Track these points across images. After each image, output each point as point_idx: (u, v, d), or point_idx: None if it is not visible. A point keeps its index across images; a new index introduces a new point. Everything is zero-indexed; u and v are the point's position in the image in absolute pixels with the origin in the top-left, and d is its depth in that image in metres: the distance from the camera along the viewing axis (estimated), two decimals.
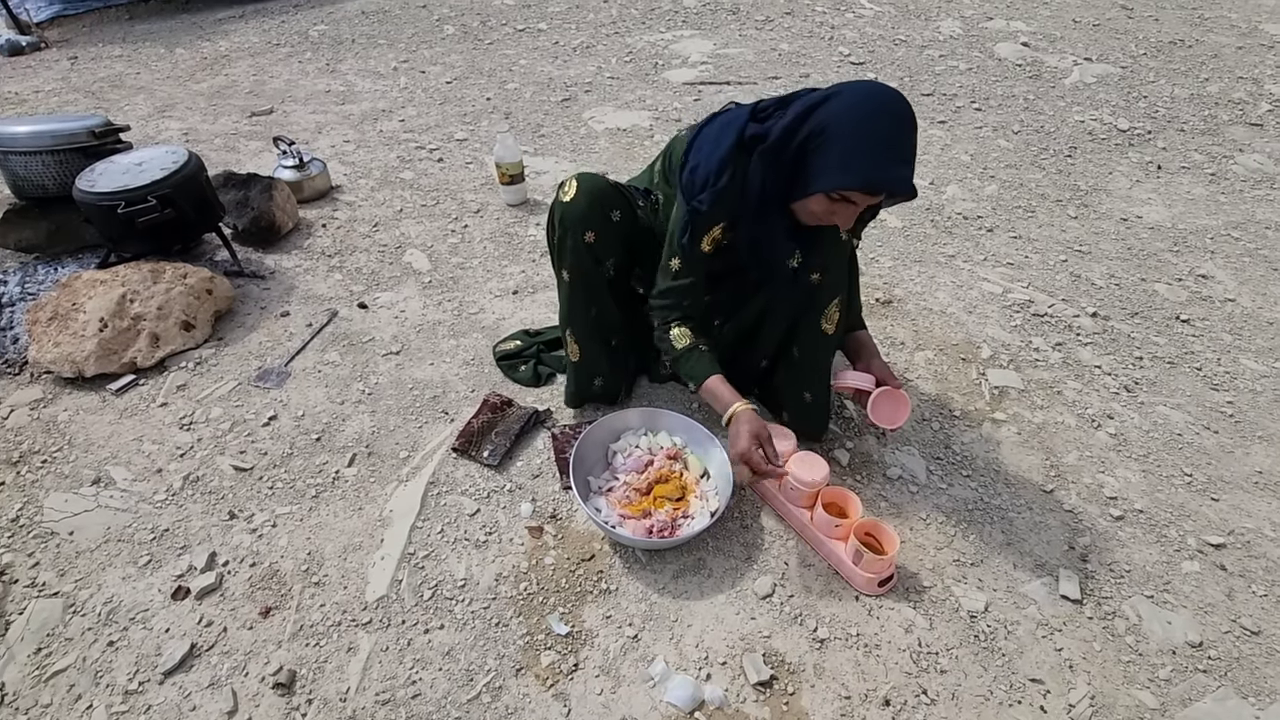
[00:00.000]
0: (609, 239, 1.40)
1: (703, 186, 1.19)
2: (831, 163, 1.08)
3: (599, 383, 1.58)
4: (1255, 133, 2.98)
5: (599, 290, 1.46)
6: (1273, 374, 1.80)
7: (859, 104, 1.07)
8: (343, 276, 2.14)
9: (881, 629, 1.23)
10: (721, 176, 1.18)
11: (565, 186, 1.37)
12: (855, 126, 1.07)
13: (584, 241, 1.38)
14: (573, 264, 1.41)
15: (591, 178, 1.37)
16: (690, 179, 1.21)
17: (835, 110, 1.08)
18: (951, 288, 2.09)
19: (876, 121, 1.06)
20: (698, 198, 1.20)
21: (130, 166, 1.93)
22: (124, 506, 1.46)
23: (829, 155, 1.09)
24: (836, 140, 1.08)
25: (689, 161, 1.22)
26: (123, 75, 3.74)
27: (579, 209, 1.36)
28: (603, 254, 1.41)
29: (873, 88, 1.09)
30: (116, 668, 1.19)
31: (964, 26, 4.03)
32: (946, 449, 1.57)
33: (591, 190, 1.36)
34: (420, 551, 1.37)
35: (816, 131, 1.09)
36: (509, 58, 3.78)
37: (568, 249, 1.39)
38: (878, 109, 1.07)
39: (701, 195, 1.19)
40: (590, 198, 1.36)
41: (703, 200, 1.19)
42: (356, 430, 1.62)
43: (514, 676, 1.17)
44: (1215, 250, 2.28)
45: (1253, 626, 1.24)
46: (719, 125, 1.22)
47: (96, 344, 1.72)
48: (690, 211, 1.22)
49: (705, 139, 1.22)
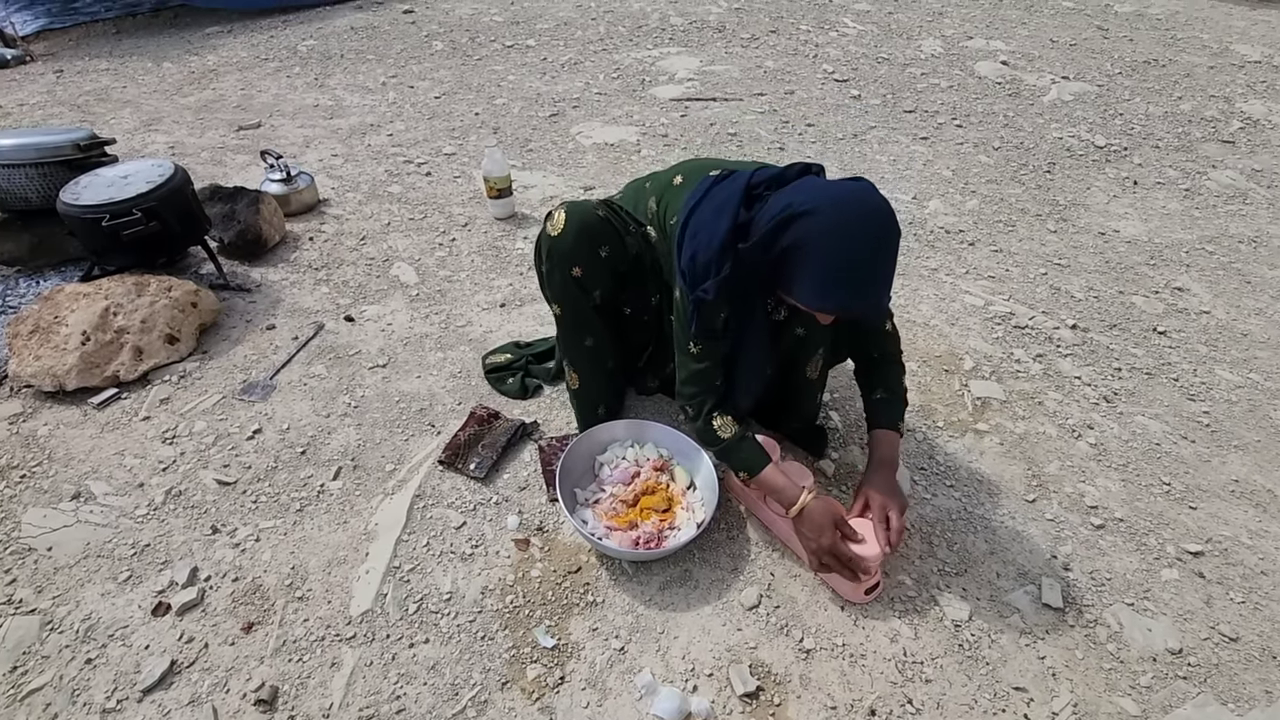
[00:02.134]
0: (596, 273, 1.40)
1: (704, 275, 1.17)
2: (807, 284, 1.08)
3: (602, 410, 1.58)
4: (1227, 149, 3.05)
5: (589, 319, 1.46)
6: (1247, 384, 1.83)
7: (838, 228, 1.04)
8: (329, 289, 2.14)
9: (867, 639, 1.24)
10: (722, 266, 1.16)
11: (553, 219, 1.37)
12: (832, 251, 1.04)
13: (571, 276, 1.38)
14: (561, 297, 1.42)
15: (580, 211, 1.37)
16: (691, 267, 1.19)
17: (813, 230, 1.05)
18: (934, 300, 2.12)
19: (852, 249, 1.04)
20: (702, 288, 1.18)
21: (115, 179, 1.93)
22: (104, 521, 1.44)
23: (805, 276, 1.08)
24: (813, 261, 1.06)
25: (687, 248, 1.20)
26: (109, 89, 3.73)
27: (566, 244, 1.36)
28: (590, 286, 1.41)
29: (854, 209, 1.06)
30: (94, 686, 1.17)
31: (945, 45, 4.11)
32: (930, 459, 1.59)
33: (580, 226, 1.35)
34: (405, 565, 1.36)
35: (794, 247, 1.07)
36: (497, 73, 3.81)
37: (556, 283, 1.40)
38: (856, 234, 1.04)
39: (705, 285, 1.17)
40: (578, 234, 1.35)
41: (707, 290, 1.17)
42: (342, 443, 1.62)
43: (500, 690, 1.16)
44: (1190, 264, 2.33)
45: (1231, 633, 1.26)
46: (713, 208, 1.20)
47: (78, 357, 1.70)
48: (696, 300, 1.20)
49: (701, 223, 1.19)
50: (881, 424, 1.38)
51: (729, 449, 1.31)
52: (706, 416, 1.32)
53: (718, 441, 1.32)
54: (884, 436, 1.37)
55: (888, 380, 1.40)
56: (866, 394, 1.42)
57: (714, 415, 1.32)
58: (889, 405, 1.39)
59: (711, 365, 1.30)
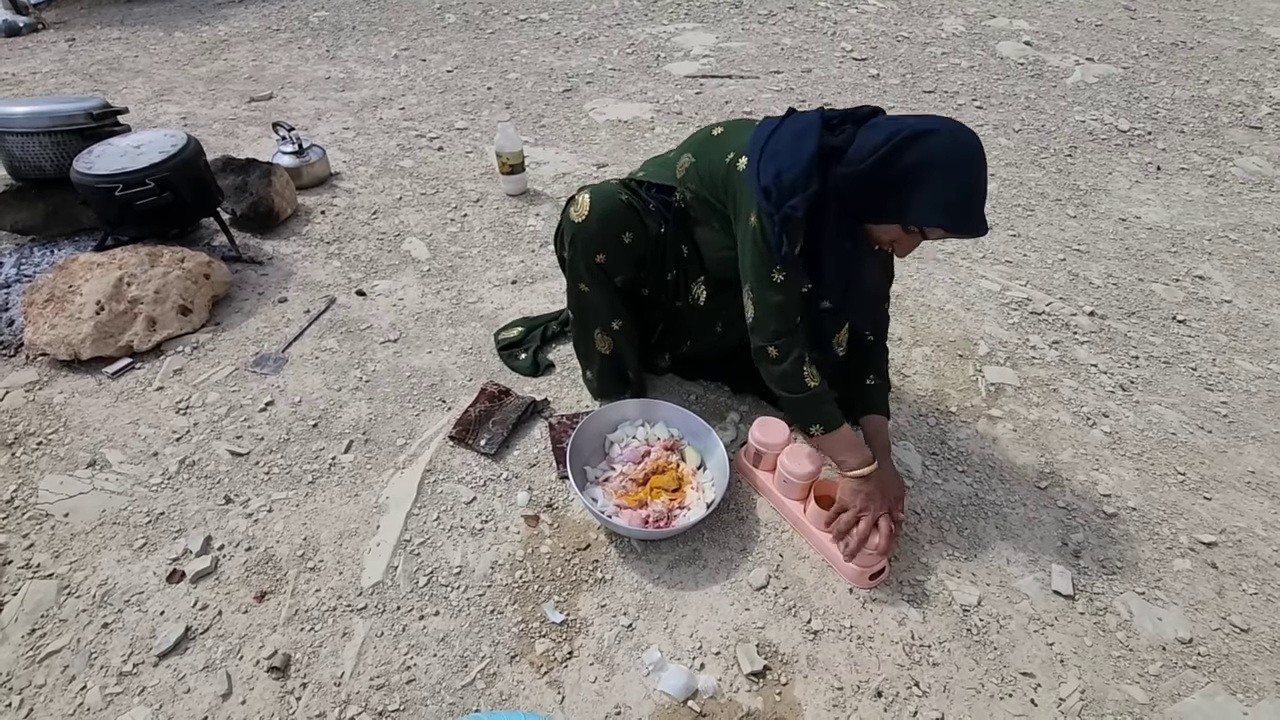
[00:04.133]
0: (620, 260, 1.40)
1: (792, 191, 1.13)
2: (930, 200, 1.07)
3: (631, 376, 1.59)
4: (1255, 135, 2.98)
5: (615, 303, 1.46)
6: (1267, 375, 1.81)
7: (959, 148, 1.07)
8: (341, 263, 2.13)
9: (875, 621, 1.24)
10: (810, 183, 1.12)
11: (577, 203, 1.35)
12: (957, 171, 1.06)
13: (595, 263, 1.38)
14: (588, 280, 1.42)
15: (604, 195, 1.35)
16: (777, 184, 1.14)
17: (936, 149, 1.06)
18: (950, 284, 2.09)
19: (975, 169, 1.07)
20: (790, 204, 1.13)
21: (128, 149, 1.92)
22: (119, 489, 1.45)
23: (928, 193, 1.07)
24: (939, 179, 1.06)
25: (767, 167, 1.15)
26: (120, 58, 3.71)
27: (590, 231, 1.35)
28: (613, 272, 1.42)
29: (962, 129, 1.09)
30: (111, 650, 1.19)
31: (966, 24, 4.02)
32: (942, 444, 1.58)
33: (604, 212, 1.34)
34: (416, 538, 1.37)
35: (917, 165, 1.07)
36: (510, 47, 3.76)
37: (579, 268, 1.41)
38: (974, 157, 1.07)
39: (794, 201, 1.13)
40: (603, 221, 1.34)
41: (796, 206, 1.13)
42: (353, 417, 1.62)
43: (508, 663, 1.17)
44: (1213, 252, 2.28)
45: (1242, 624, 1.25)
46: (792, 132, 1.17)
47: (93, 327, 1.71)
48: (784, 218, 1.15)
49: (781, 144, 1.16)
50: (876, 410, 1.39)
51: (813, 399, 1.25)
52: (797, 360, 1.24)
53: (803, 390, 1.25)
54: (880, 423, 1.38)
55: (879, 365, 1.42)
56: (856, 378, 1.41)
57: (805, 360, 1.24)
58: (880, 391, 1.40)
59: (794, 299, 1.23)
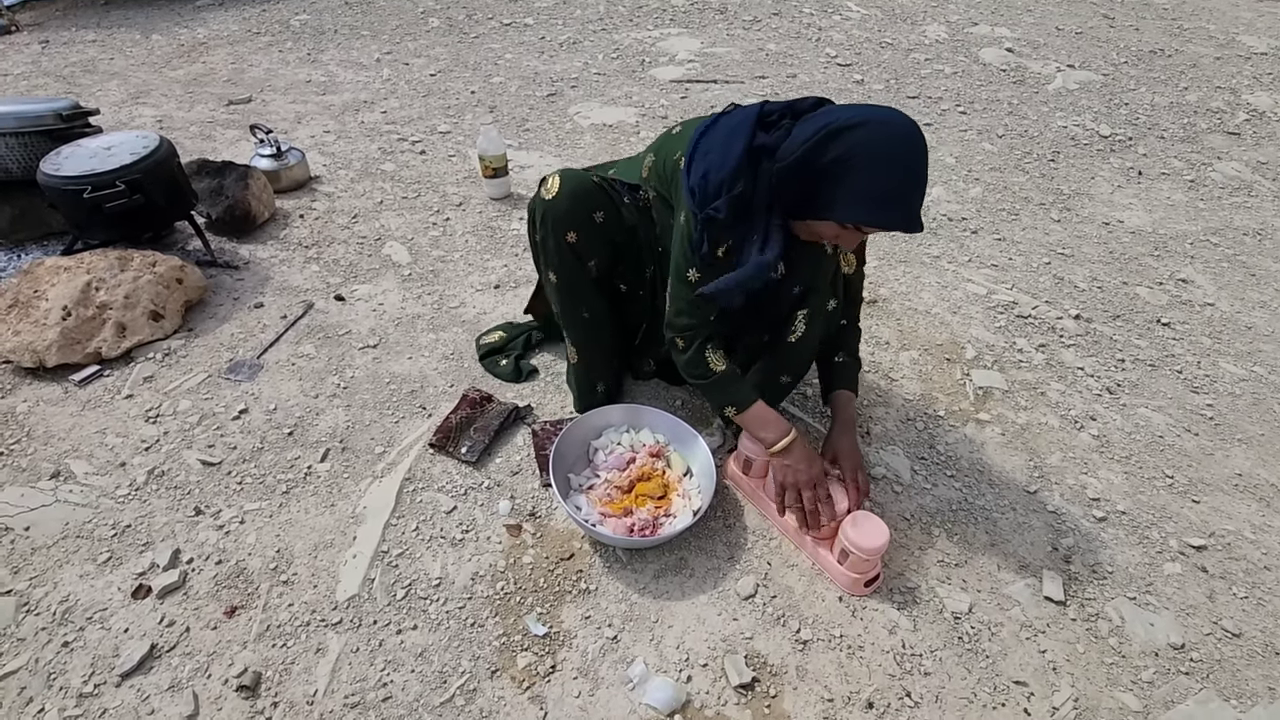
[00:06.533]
0: (592, 239, 1.36)
1: (716, 193, 1.12)
2: (854, 196, 1.04)
3: (602, 388, 1.55)
4: (1233, 141, 3.02)
5: (585, 290, 1.42)
6: (1251, 377, 1.81)
7: (887, 140, 1.03)
8: (320, 268, 2.09)
9: (865, 630, 1.21)
10: (735, 184, 1.11)
11: (547, 183, 1.33)
12: (884, 164, 1.02)
13: (565, 242, 1.34)
14: (556, 264, 1.37)
15: (575, 175, 1.33)
16: (703, 185, 1.13)
17: (863, 141, 1.03)
18: (936, 288, 2.08)
19: (904, 161, 1.03)
20: (713, 205, 1.12)
21: (98, 150, 1.87)
22: (84, 501, 1.40)
23: (853, 188, 1.04)
24: (863, 174, 1.03)
25: (697, 166, 1.15)
26: (96, 60, 3.64)
27: (560, 208, 1.31)
28: (585, 254, 1.37)
29: (895, 119, 1.05)
30: (71, 669, 1.13)
31: (949, 31, 4.05)
32: (931, 449, 1.56)
33: (575, 190, 1.32)
34: (394, 549, 1.32)
35: (842, 159, 1.04)
36: (494, 51, 3.74)
37: (550, 249, 1.35)
38: (904, 149, 1.03)
39: (717, 203, 1.12)
40: (573, 198, 1.31)
41: (719, 208, 1.12)
42: (330, 425, 1.58)
43: (489, 678, 1.14)
44: (1195, 255, 2.30)
45: (1234, 629, 1.24)
46: (725, 130, 1.15)
47: (59, 333, 1.65)
48: (706, 220, 1.14)
49: (713, 143, 1.14)
50: (844, 385, 1.42)
51: (720, 382, 1.28)
52: (700, 347, 1.28)
53: (709, 374, 1.28)
54: (847, 398, 1.42)
55: (849, 344, 1.44)
56: (826, 356, 1.44)
57: (708, 347, 1.28)
58: (849, 368, 1.43)
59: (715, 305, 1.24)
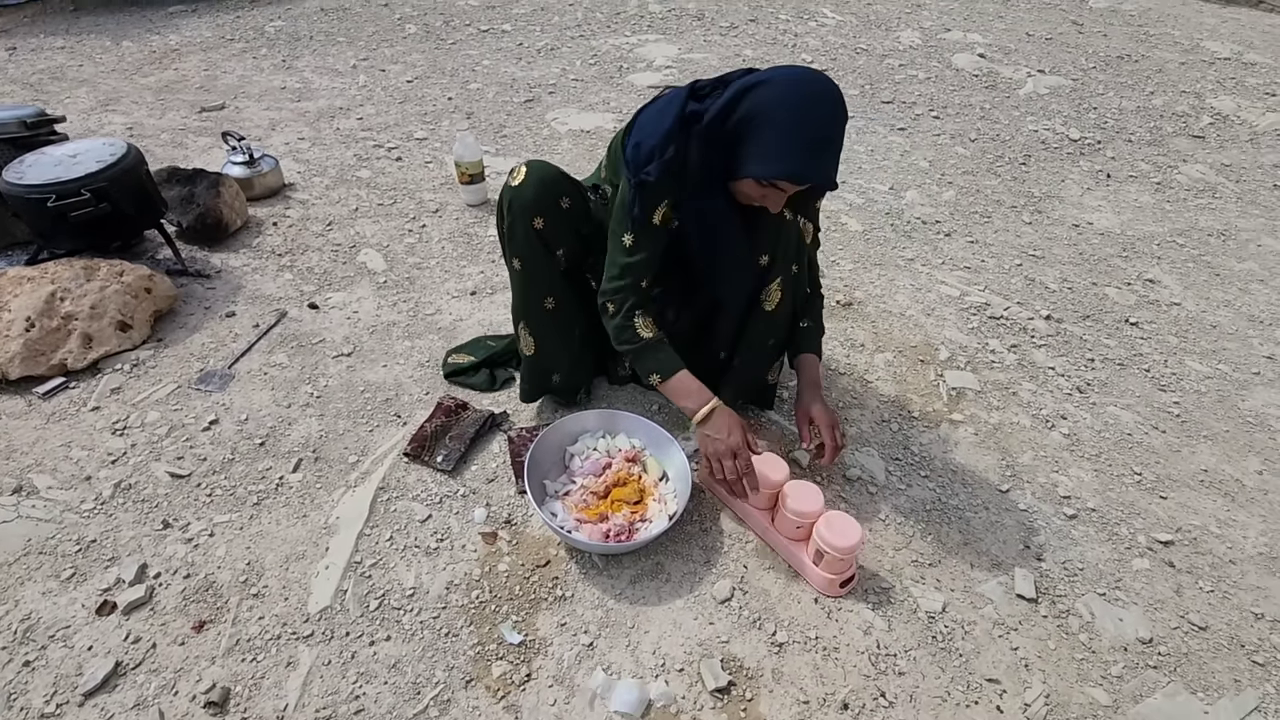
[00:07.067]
0: (559, 226, 1.36)
1: (648, 159, 1.17)
2: (760, 151, 1.08)
3: (557, 378, 1.54)
4: (1197, 144, 3.09)
5: (552, 279, 1.41)
6: (1216, 375, 1.85)
7: (790, 93, 1.07)
8: (293, 276, 2.07)
9: (840, 631, 1.22)
10: (667, 149, 1.15)
11: (514, 173, 1.33)
12: (785, 117, 1.06)
13: (533, 228, 1.33)
14: (523, 252, 1.37)
15: (541, 164, 1.34)
16: (635, 154, 1.19)
17: (767, 97, 1.07)
18: (910, 290, 2.10)
19: (806, 114, 1.06)
20: (645, 170, 1.17)
21: (63, 158, 1.84)
22: (47, 516, 1.37)
23: (759, 143, 1.08)
24: (767, 129, 1.07)
25: (633, 139, 1.20)
26: (64, 67, 3.58)
27: (527, 195, 1.32)
28: (553, 242, 1.37)
29: (805, 76, 1.08)
30: (32, 689, 1.11)
31: (923, 37, 4.11)
32: (905, 450, 1.58)
33: (541, 177, 1.32)
34: (367, 560, 1.31)
35: (748, 117, 1.09)
36: (472, 58, 3.73)
37: (518, 236, 1.35)
38: (808, 100, 1.06)
39: (649, 167, 1.17)
40: (540, 185, 1.32)
41: (650, 172, 1.17)
42: (303, 434, 1.56)
43: (463, 689, 1.12)
44: (1161, 256, 2.34)
45: (1200, 622, 1.26)
46: (659, 105, 1.21)
47: (22, 344, 1.62)
48: (638, 184, 1.19)
49: (647, 118, 1.20)
50: (808, 349, 1.47)
51: (647, 349, 1.32)
52: (629, 313, 1.30)
53: (636, 340, 1.31)
54: (811, 361, 1.47)
55: (813, 311, 1.50)
56: (791, 323, 1.48)
57: (637, 313, 1.30)
58: (812, 333, 1.49)
59: (643, 259, 1.28)
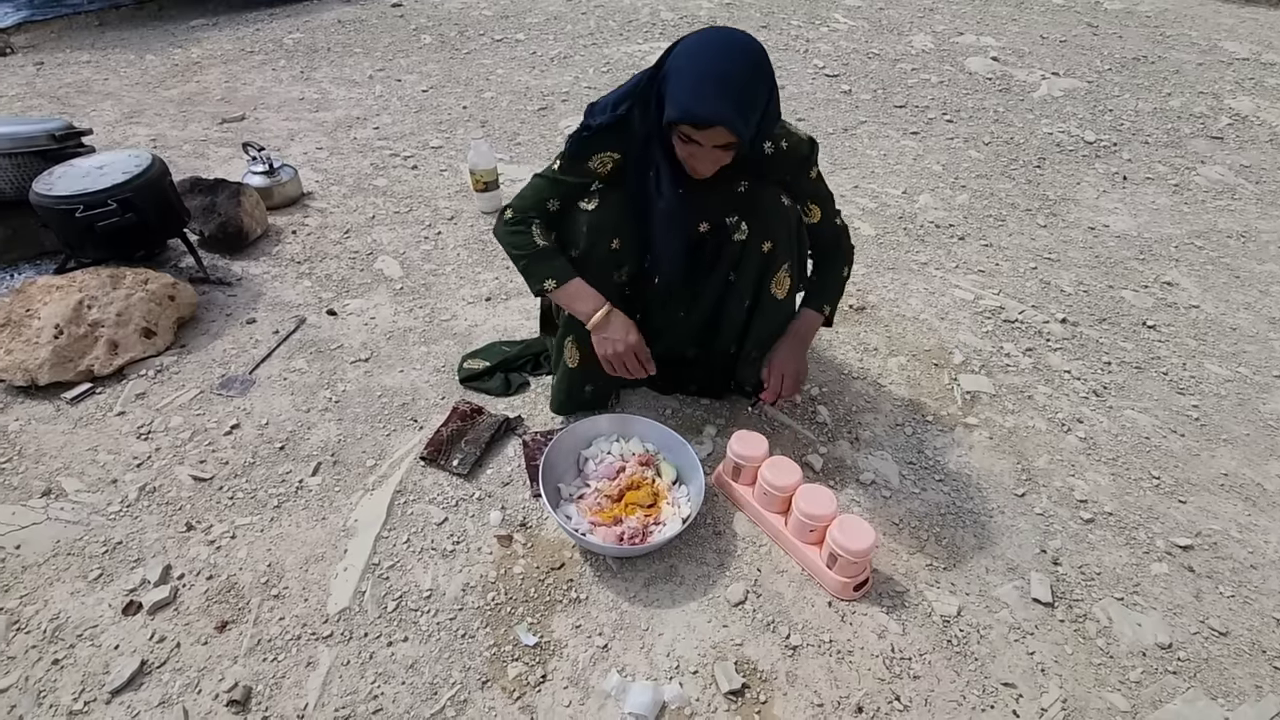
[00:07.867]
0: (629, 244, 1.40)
1: (603, 111, 1.24)
2: (674, 96, 1.11)
3: (589, 389, 1.56)
4: (1216, 145, 3.06)
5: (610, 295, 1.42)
6: (1236, 378, 1.83)
7: (697, 42, 1.11)
8: (312, 283, 2.10)
9: (854, 635, 1.22)
10: (620, 106, 1.22)
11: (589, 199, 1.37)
12: (687, 64, 1.10)
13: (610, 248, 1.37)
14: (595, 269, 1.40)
15: None
16: (592, 108, 1.26)
17: (680, 49, 1.12)
18: (924, 294, 2.10)
19: (709, 60, 1.09)
20: (595, 117, 1.24)
21: (90, 170, 1.89)
22: (75, 519, 1.40)
23: (673, 90, 1.12)
24: (674, 77, 1.11)
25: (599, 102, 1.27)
26: (90, 81, 3.67)
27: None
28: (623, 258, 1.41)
29: (720, 30, 1.13)
30: (61, 687, 1.13)
31: (935, 41, 4.10)
32: (919, 453, 1.57)
33: None
34: (385, 562, 1.33)
35: (667, 72, 1.13)
36: (486, 67, 3.78)
37: None
38: (712, 47, 1.10)
39: (600, 116, 1.24)
40: None
41: (595, 114, 1.24)
42: (322, 438, 1.58)
43: (480, 689, 1.14)
44: (1179, 258, 2.32)
45: (1220, 627, 1.25)
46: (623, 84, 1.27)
47: (51, 351, 1.66)
48: (584, 126, 1.26)
49: (610, 91, 1.27)
50: (809, 305, 1.46)
51: (542, 254, 1.33)
52: (528, 223, 1.34)
53: (532, 247, 1.32)
54: (805, 314, 1.46)
55: (832, 269, 1.47)
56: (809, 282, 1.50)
57: (535, 222, 1.34)
58: (822, 290, 1.47)
59: (558, 186, 1.32)
